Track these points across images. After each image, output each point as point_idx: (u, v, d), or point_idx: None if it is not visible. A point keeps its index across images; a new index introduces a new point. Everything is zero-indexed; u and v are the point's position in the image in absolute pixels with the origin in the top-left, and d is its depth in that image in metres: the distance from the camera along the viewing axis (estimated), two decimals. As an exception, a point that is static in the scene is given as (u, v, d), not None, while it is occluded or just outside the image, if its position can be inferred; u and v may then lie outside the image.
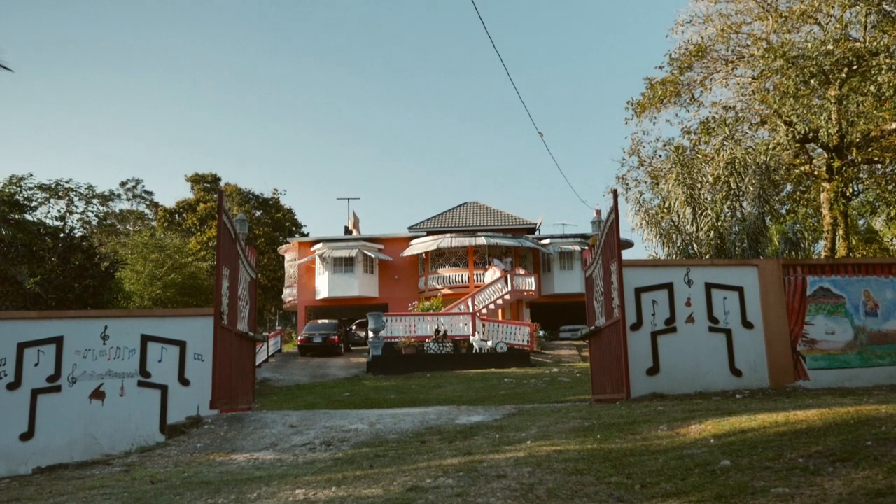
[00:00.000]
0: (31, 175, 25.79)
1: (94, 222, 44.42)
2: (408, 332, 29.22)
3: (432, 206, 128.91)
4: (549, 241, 40.81)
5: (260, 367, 26.71)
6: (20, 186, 25.34)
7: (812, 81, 21.40)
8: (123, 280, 33.14)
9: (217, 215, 10.40)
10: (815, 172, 24.79)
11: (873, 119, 21.47)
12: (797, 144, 23.33)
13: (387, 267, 41.31)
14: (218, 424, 8.99)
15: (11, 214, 22.41)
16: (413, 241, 40.92)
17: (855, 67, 21.21)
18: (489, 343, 28.30)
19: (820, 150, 24.41)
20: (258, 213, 58.51)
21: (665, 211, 23.23)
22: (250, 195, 59.22)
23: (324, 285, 40.38)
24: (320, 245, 40.46)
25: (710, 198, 22.56)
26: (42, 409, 10.03)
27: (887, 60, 19.80)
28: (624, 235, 36.43)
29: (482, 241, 38.91)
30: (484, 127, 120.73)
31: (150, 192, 65.85)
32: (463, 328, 29.72)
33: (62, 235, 24.49)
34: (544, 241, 40.87)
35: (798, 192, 27.79)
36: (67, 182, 28.78)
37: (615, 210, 10.92)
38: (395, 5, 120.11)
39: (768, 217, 23.96)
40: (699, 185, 22.69)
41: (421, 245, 39.99)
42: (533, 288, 37.79)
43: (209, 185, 59.27)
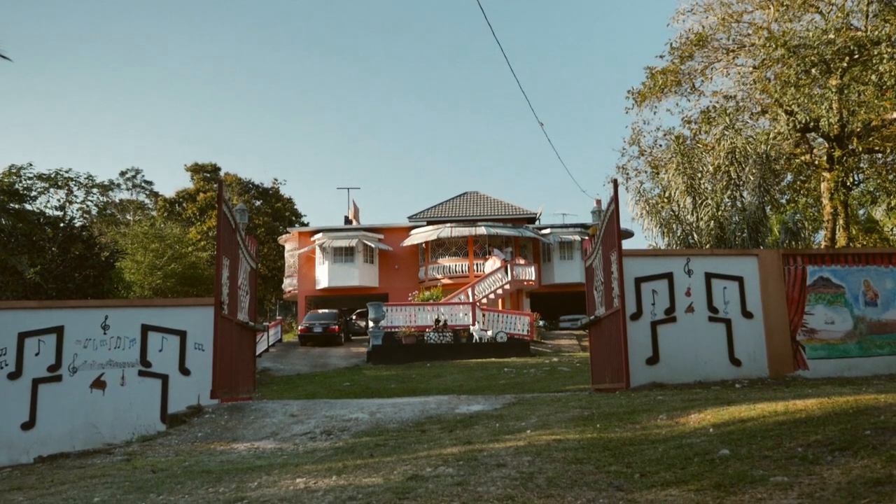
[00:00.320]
0: (31, 165, 25.73)
1: (93, 212, 44.32)
2: (408, 321, 29.24)
3: (432, 196, 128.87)
4: (549, 230, 40.78)
5: (260, 356, 26.75)
6: (20, 176, 25.24)
7: (813, 71, 21.34)
8: (124, 270, 33.10)
9: (217, 205, 10.39)
10: (816, 162, 24.77)
11: (874, 108, 21.42)
12: (798, 134, 23.29)
13: (387, 257, 41.31)
14: (219, 414, 9.02)
15: (11, 204, 22.35)
16: (413, 231, 40.90)
17: (856, 56, 21.15)
18: (489, 333, 28.33)
19: (821, 139, 24.38)
20: (258, 202, 58.43)
21: (665, 200, 23.23)
22: (250, 185, 59.13)
23: (324, 275, 40.39)
24: (320, 235, 40.44)
25: (710, 187, 22.55)
26: (43, 398, 10.05)
27: (889, 49, 19.74)
28: (624, 225, 36.48)
29: (482, 230, 38.88)
30: (484, 116, 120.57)
31: (149, 182, 65.95)
32: (463, 318, 29.74)
33: (62, 225, 24.41)
34: (544, 231, 40.85)
35: (798, 182, 27.76)
36: (67, 172, 28.64)
37: (615, 200, 10.92)
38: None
39: (768, 207, 23.96)
40: (699, 175, 22.67)
41: (421, 235, 39.96)
42: (533, 278, 37.80)
43: (209, 174, 59.18)
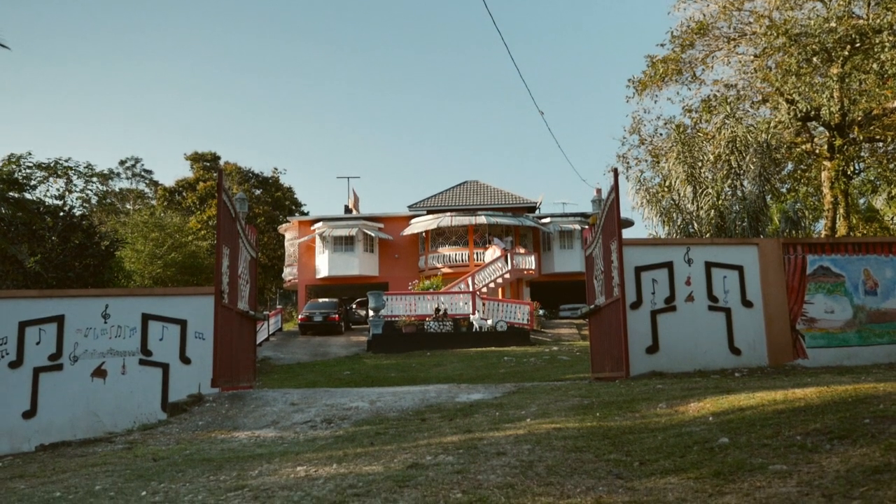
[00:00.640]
0: (30, 154, 25.66)
1: (93, 201, 44.24)
2: (408, 310, 29.27)
3: (432, 185, 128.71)
4: (549, 219, 40.74)
5: (261, 345, 26.80)
6: (19, 165, 25.18)
7: (814, 59, 21.26)
8: (124, 259, 33.10)
9: (217, 194, 10.38)
10: (817, 151, 24.71)
11: (875, 97, 21.35)
12: (799, 123, 23.23)
13: (387, 246, 41.30)
14: (219, 402, 9.04)
15: (10, 193, 22.30)
16: (413, 220, 40.86)
17: (858, 45, 21.06)
18: (489, 322, 28.36)
19: (821, 128, 24.31)
20: (258, 191, 58.32)
21: (665, 190, 23.19)
22: (250, 174, 59.02)
23: (324, 264, 40.39)
24: (320, 224, 40.41)
25: (710, 176, 22.51)
26: (44, 387, 10.07)
27: (890, 38, 19.65)
28: (624, 214, 36.38)
29: (482, 219, 38.84)
30: (484, 105, 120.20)
31: (149, 171, 65.79)
32: (463, 307, 29.76)
33: (62, 214, 24.36)
34: (544, 220, 40.81)
35: (799, 171, 27.71)
36: (66, 161, 28.56)
37: (615, 189, 10.91)
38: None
39: (769, 196, 23.93)
40: (700, 164, 22.62)
41: (421, 224, 39.94)
42: (533, 267, 37.79)
43: (209, 163, 59.04)
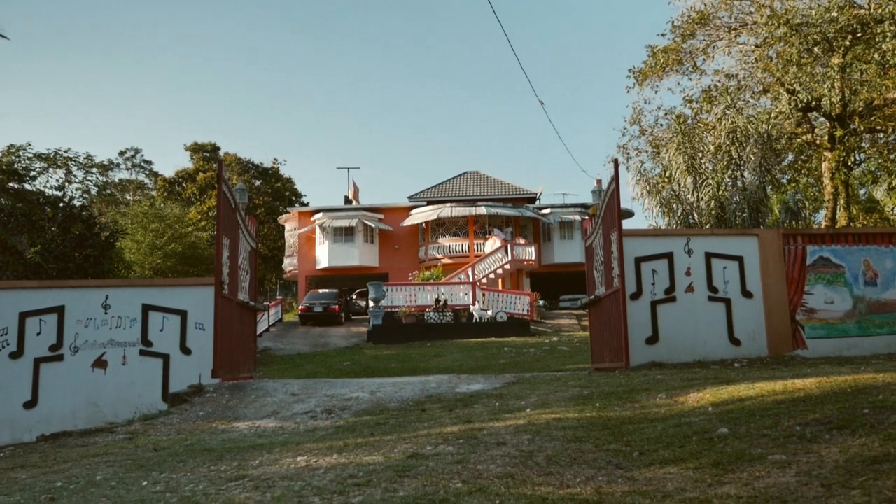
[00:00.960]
0: (30, 144, 25.63)
1: (93, 192, 44.21)
2: (408, 301, 29.29)
3: (432, 176, 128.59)
4: (549, 210, 40.71)
5: (261, 336, 26.83)
6: (18, 156, 25.15)
7: (815, 49, 21.18)
8: (124, 250, 33.10)
9: (216, 185, 10.36)
10: (817, 141, 24.67)
11: (876, 87, 21.30)
12: (799, 113, 23.18)
13: (387, 236, 41.28)
14: (220, 393, 9.06)
15: (10, 184, 22.29)
16: (413, 211, 40.83)
17: (859, 35, 20.98)
18: (489, 312, 28.39)
19: (822, 118, 24.25)
20: (258, 182, 58.27)
21: (666, 180, 23.16)
22: (250, 165, 58.95)
23: (324, 255, 40.39)
24: (320, 215, 40.38)
25: (711, 167, 22.48)
26: (45, 377, 10.09)
27: (892, 28, 19.57)
28: (624, 205, 36.21)
29: (482, 210, 38.81)
30: (484, 96, 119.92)
31: (149, 162, 65.72)
32: (463, 298, 29.78)
33: (62, 205, 24.31)
34: (545, 211, 40.78)
35: (799, 162, 27.68)
36: (66, 151, 28.51)
37: (616, 179, 10.89)
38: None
39: (769, 186, 23.91)
40: (700, 155, 22.59)
41: (421, 215, 39.91)
42: (533, 257, 37.79)
43: (208, 154, 58.97)
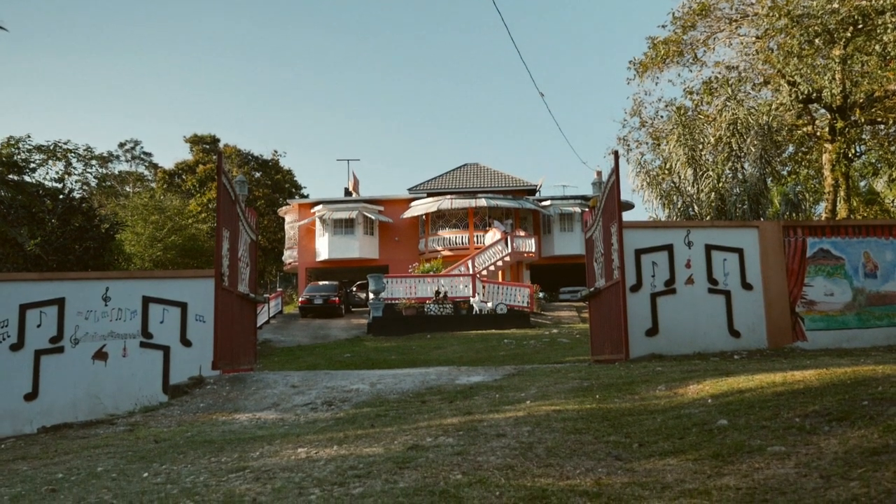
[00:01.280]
0: (29, 137, 25.61)
1: (92, 184, 44.21)
2: (408, 293, 29.31)
3: (432, 168, 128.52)
4: (549, 202, 40.68)
5: (261, 328, 26.87)
6: (18, 148, 25.14)
7: (816, 41, 21.10)
8: (124, 242, 33.13)
9: (216, 177, 10.35)
10: (818, 133, 24.61)
11: (877, 79, 21.21)
12: (800, 105, 23.11)
13: (387, 228, 41.27)
14: (220, 385, 9.07)
15: (10, 176, 22.28)
16: (413, 203, 40.80)
17: (860, 26, 20.89)
18: (489, 304, 28.41)
19: (823, 110, 24.18)
20: (258, 174, 58.19)
21: (666, 172, 23.12)
22: (249, 157, 58.85)
23: (324, 247, 40.38)
24: (320, 207, 40.36)
25: (711, 159, 22.43)
26: (45, 369, 10.11)
27: (893, 19, 19.48)
28: (624, 197, 36.14)
29: (482, 202, 38.79)
30: (484, 88, 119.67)
31: (148, 154, 65.59)
32: (463, 290, 29.80)
33: (61, 197, 24.33)
34: (545, 203, 40.75)
35: (800, 154, 27.61)
36: (65, 143, 28.52)
37: (616, 171, 10.88)
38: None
39: (769, 178, 23.87)
40: (700, 147, 22.54)
41: (421, 207, 39.88)
42: (533, 249, 37.78)
43: (208, 146, 58.88)
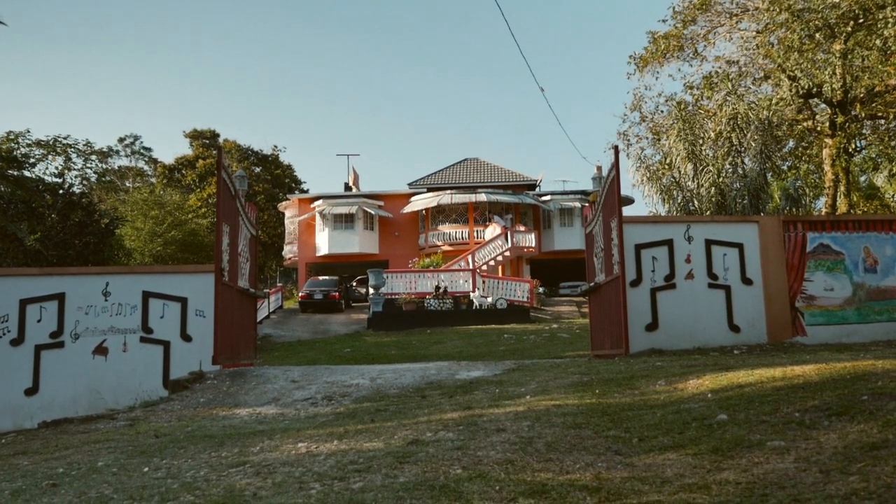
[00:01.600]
0: (29, 131, 25.60)
1: (92, 179, 44.18)
2: (408, 288, 29.31)
3: (432, 163, 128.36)
4: (549, 197, 40.64)
5: (261, 323, 26.86)
6: (18, 143, 25.12)
7: (817, 35, 21.08)
8: (124, 237, 33.10)
9: (216, 172, 10.35)
10: (818, 128, 24.59)
11: (878, 74, 21.19)
12: (800, 100, 23.09)
13: (387, 223, 41.25)
14: (220, 379, 9.08)
15: (10, 171, 22.24)
16: (413, 198, 40.76)
17: (861, 21, 20.87)
18: (489, 299, 28.41)
19: (823, 105, 24.17)
20: (257, 169, 58.14)
21: (666, 167, 23.11)
22: (249, 151, 58.79)
23: (324, 242, 40.37)
24: (320, 202, 40.33)
25: (711, 154, 22.43)
26: (46, 364, 10.11)
27: (894, 14, 19.47)
28: (625, 192, 36.22)
29: (482, 197, 38.76)
30: (484, 83, 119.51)
31: (148, 149, 65.45)
32: (463, 285, 29.79)
33: (61, 192, 24.30)
34: (545, 198, 40.71)
35: (800, 149, 27.61)
36: (65, 139, 28.50)
37: (616, 166, 10.87)
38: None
39: (770, 173, 23.85)
40: (701, 141, 22.53)
41: (421, 202, 39.86)
42: (533, 244, 37.76)
43: (208, 141, 58.80)
